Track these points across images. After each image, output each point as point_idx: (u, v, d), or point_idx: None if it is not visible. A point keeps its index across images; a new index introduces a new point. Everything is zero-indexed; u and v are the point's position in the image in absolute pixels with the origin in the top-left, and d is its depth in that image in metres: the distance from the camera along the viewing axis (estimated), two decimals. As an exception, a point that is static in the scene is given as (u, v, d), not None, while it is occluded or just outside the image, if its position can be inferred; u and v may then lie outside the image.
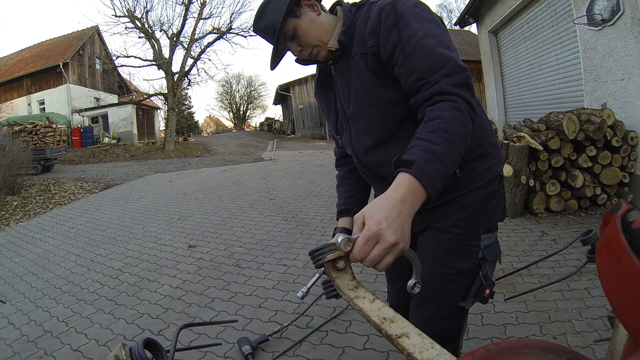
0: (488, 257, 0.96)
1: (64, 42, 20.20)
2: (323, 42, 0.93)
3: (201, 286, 2.69)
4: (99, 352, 2.00)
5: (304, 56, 0.97)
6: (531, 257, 2.68)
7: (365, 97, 0.91)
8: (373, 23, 0.85)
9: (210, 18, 17.39)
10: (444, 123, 0.71)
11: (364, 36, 0.88)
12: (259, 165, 9.85)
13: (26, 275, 3.28)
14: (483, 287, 0.94)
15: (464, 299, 0.96)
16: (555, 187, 3.53)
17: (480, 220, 0.95)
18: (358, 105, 0.93)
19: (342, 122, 1.02)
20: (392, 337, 0.52)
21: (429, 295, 0.97)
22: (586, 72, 4.23)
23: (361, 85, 0.90)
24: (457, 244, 0.92)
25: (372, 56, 0.87)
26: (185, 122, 39.04)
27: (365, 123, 0.94)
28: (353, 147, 1.00)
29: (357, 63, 0.90)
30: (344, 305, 2.20)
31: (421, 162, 0.67)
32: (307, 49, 0.94)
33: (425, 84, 0.77)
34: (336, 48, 0.92)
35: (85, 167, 11.87)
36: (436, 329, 0.95)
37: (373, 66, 0.87)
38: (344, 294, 0.66)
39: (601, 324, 1.82)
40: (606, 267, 0.47)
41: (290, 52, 0.98)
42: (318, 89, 1.11)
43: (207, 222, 4.42)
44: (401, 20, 0.81)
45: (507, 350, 0.35)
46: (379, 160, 0.94)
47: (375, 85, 0.88)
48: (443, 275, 0.93)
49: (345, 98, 0.96)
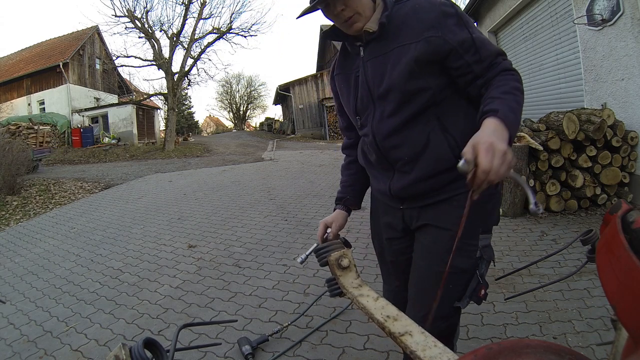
0: (485, 256, 1.00)
1: (64, 42, 20.19)
2: (365, 15, 0.95)
3: (201, 286, 2.69)
4: (99, 352, 2.00)
5: (342, 18, 0.95)
6: (531, 257, 2.68)
7: (400, 83, 0.94)
8: (434, 18, 0.92)
9: (210, 18, 17.38)
10: (513, 89, 0.88)
11: (416, 28, 0.93)
12: (259, 165, 9.85)
13: (26, 275, 3.28)
14: (479, 287, 0.97)
15: (459, 298, 0.97)
16: (555, 187, 3.53)
17: (479, 220, 0.97)
18: (389, 89, 0.96)
19: (366, 103, 1.03)
20: (395, 335, 0.53)
21: (426, 294, 0.97)
22: (586, 72, 4.22)
23: (400, 74, 0.94)
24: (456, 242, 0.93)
25: (425, 44, 0.92)
26: (185, 122, 39.03)
27: (391, 107, 0.98)
28: (373, 129, 1.02)
29: (405, 51, 0.94)
30: (344, 305, 2.20)
31: (504, 111, 0.82)
32: (349, 12, 0.94)
33: (495, 64, 0.94)
34: (374, 30, 0.95)
35: (85, 167, 11.86)
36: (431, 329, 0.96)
37: (420, 54, 0.92)
38: (348, 292, 0.66)
39: (601, 324, 1.82)
40: (606, 267, 0.47)
41: (328, 10, 0.94)
42: (339, 70, 1.12)
43: (207, 222, 4.42)
44: (463, 19, 0.94)
45: (509, 349, 0.35)
46: (394, 143, 0.99)
47: (414, 75, 0.93)
48: (441, 273, 0.94)
49: (376, 80, 0.99)
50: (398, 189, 1.03)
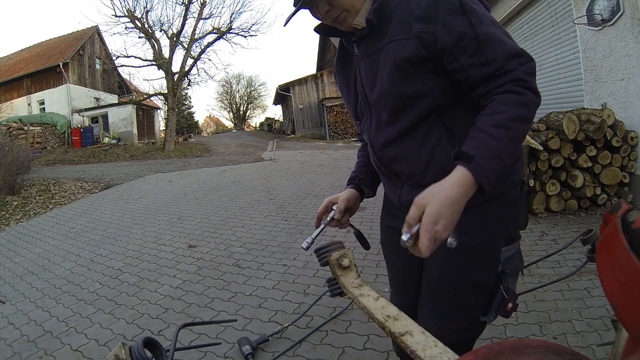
0: (508, 270, 0.88)
1: (64, 42, 20.20)
2: (355, 9, 0.84)
3: (201, 286, 2.69)
4: (99, 352, 2.00)
5: (329, 18, 0.86)
6: (531, 257, 2.68)
7: (392, 88, 0.83)
8: (426, 7, 0.76)
9: (210, 18, 17.39)
10: (509, 120, 0.69)
11: (406, 20, 0.79)
12: (259, 165, 9.84)
13: (26, 275, 3.28)
14: (505, 301, 0.88)
15: (485, 313, 0.90)
16: (555, 187, 3.53)
17: (500, 231, 0.87)
18: (383, 94, 0.85)
19: (363, 108, 0.93)
20: (396, 334, 0.53)
21: (445, 305, 0.90)
22: (586, 72, 4.23)
23: (390, 76, 0.82)
24: (473, 255, 0.86)
25: (415, 42, 0.78)
26: (185, 122, 39.05)
27: (388, 114, 0.86)
28: (370, 138, 0.93)
29: (393, 49, 0.80)
30: (344, 305, 2.20)
31: (480, 158, 0.67)
32: (336, 11, 0.84)
33: (504, 71, 0.73)
34: (362, 27, 0.83)
35: (85, 167, 11.86)
36: (455, 341, 0.89)
37: (413, 54, 0.78)
38: (348, 292, 0.66)
39: (601, 324, 1.82)
40: (606, 267, 0.47)
41: (314, 10, 0.86)
42: (338, 67, 1.01)
43: (207, 222, 4.42)
44: (467, 6, 0.75)
45: (510, 349, 0.35)
46: (394, 154, 0.89)
47: (407, 76, 0.81)
48: (460, 286, 0.88)
49: (369, 83, 0.88)
50: (408, 202, 0.93)
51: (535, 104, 0.72)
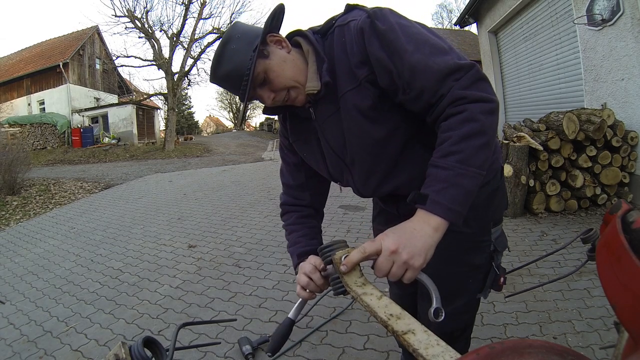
0: (499, 248, 0.99)
1: (64, 42, 20.20)
2: (300, 83, 0.81)
3: (201, 286, 2.69)
4: (99, 352, 2.00)
5: (278, 103, 0.83)
6: (531, 257, 2.68)
7: (363, 138, 0.82)
8: (358, 50, 0.76)
9: (210, 18, 17.34)
10: (454, 144, 0.68)
11: (349, 68, 0.78)
12: (259, 165, 9.85)
13: (26, 275, 3.28)
14: (497, 277, 0.98)
15: (480, 290, 0.98)
16: (555, 187, 3.53)
17: (489, 216, 0.95)
18: (357, 149, 0.84)
19: (339, 170, 0.92)
20: (399, 333, 0.53)
21: (450, 294, 0.93)
22: (586, 72, 4.23)
23: (357, 127, 0.81)
24: (470, 242, 0.93)
25: (366, 86, 0.77)
26: (185, 122, 39.04)
27: (368, 164, 0.86)
28: (359, 190, 0.94)
29: (350, 101, 0.79)
30: (344, 305, 2.20)
31: (434, 194, 0.68)
32: (282, 94, 0.81)
33: (440, 98, 0.71)
34: (318, 90, 0.79)
35: (85, 167, 11.86)
36: (456, 324, 0.99)
37: (370, 98, 0.78)
38: (352, 291, 0.67)
39: (601, 324, 1.82)
40: (606, 267, 0.47)
41: (260, 101, 0.84)
42: (295, 137, 0.95)
43: (207, 222, 4.42)
44: (385, 40, 0.73)
45: (512, 349, 0.35)
46: (387, 189, 0.91)
47: (373, 121, 0.80)
48: (460, 273, 0.94)
49: (338, 143, 0.86)
50: (407, 212, 0.89)
51: (484, 111, 0.68)
